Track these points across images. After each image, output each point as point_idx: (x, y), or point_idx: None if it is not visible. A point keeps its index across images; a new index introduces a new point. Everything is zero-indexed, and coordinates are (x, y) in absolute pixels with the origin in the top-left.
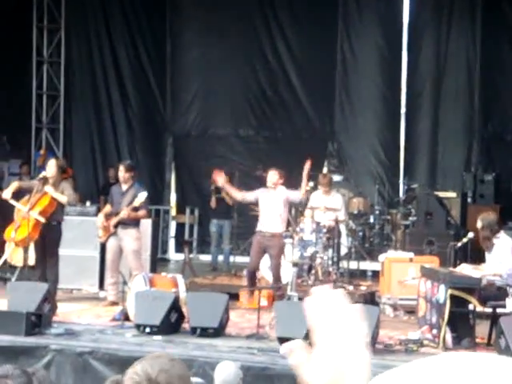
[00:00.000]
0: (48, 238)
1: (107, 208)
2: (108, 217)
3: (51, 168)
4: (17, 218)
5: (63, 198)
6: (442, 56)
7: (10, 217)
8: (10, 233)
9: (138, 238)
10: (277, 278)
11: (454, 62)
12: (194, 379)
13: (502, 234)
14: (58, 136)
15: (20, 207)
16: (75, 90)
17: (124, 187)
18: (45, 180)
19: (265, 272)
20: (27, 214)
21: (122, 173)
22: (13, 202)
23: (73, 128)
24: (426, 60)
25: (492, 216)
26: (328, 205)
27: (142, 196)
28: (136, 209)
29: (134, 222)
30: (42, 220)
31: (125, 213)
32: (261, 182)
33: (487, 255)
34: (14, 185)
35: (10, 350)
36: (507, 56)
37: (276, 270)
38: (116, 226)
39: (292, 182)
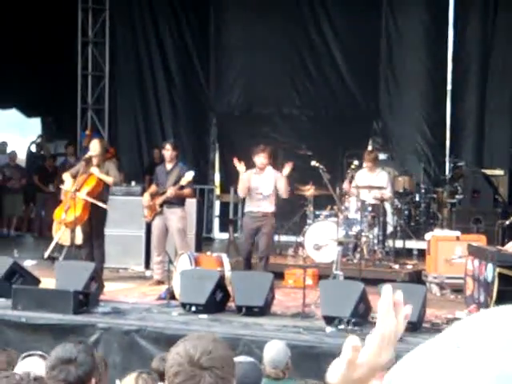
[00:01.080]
0: (94, 218)
1: (153, 188)
2: (153, 196)
3: (95, 148)
4: (65, 200)
5: (109, 179)
6: (489, 32)
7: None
8: (61, 214)
9: (184, 217)
10: (266, 256)
11: (501, 38)
12: (242, 357)
13: None
14: (103, 116)
15: (67, 189)
16: (120, 70)
17: (169, 166)
18: (90, 160)
19: (310, 251)
20: (74, 195)
21: (170, 151)
22: (66, 188)
23: (118, 108)
24: (472, 36)
25: None
26: (373, 183)
27: (190, 175)
28: (182, 187)
29: (180, 201)
30: (92, 201)
31: (171, 191)
32: (304, 161)
33: None
34: (67, 177)
35: (59, 328)
36: None
37: (267, 245)
38: (162, 206)
39: (337, 160)
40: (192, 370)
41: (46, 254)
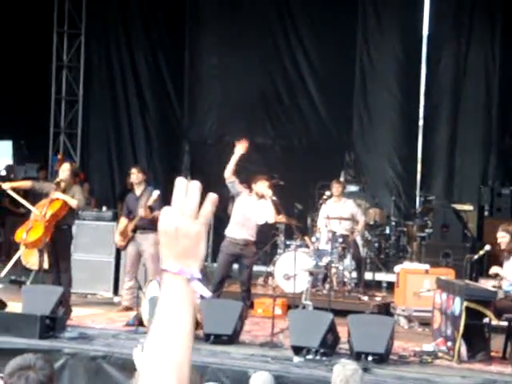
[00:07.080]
0: (59, 243)
1: (123, 221)
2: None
3: (64, 172)
4: (28, 221)
5: (73, 202)
6: (461, 69)
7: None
8: (21, 234)
9: (157, 242)
10: (248, 288)
11: (472, 75)
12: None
13: None
14: (75, 141)
15: (31, 208)
16: (94, 95)
17: (138, 192)
18: (59, 185)
19: (280, 281)
20: (41, 217)
21: (135, 175)
22: (15, 195)
23: (90, 133)
24: (444, 72)
25: None
26: (340, 213)
27: (155, 194)
28: (150, 208)
29: (153, 226)
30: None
31: (142, 211)
32: (277, 192)
33: (506, 263)
34: (24, 183)
35: (24, 353)
36: None
37: (248, 279)
38: (134, 231)
39: (308, 191)
40: None
41: (3, 273)
